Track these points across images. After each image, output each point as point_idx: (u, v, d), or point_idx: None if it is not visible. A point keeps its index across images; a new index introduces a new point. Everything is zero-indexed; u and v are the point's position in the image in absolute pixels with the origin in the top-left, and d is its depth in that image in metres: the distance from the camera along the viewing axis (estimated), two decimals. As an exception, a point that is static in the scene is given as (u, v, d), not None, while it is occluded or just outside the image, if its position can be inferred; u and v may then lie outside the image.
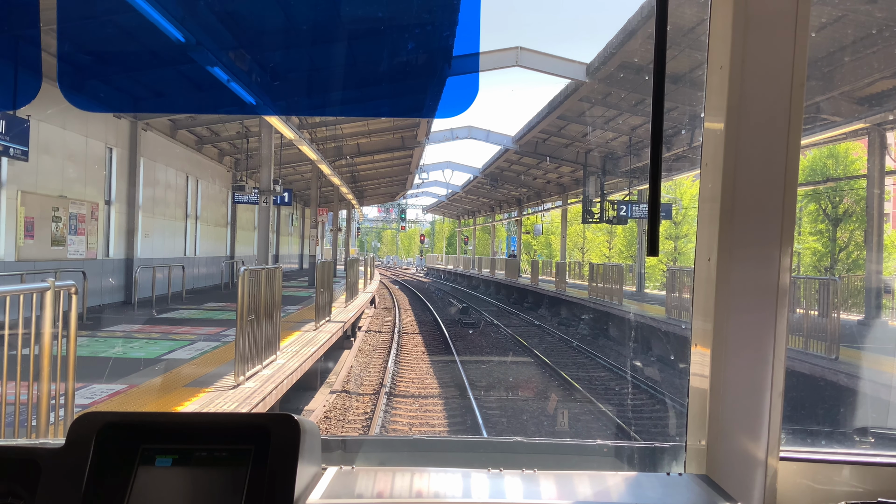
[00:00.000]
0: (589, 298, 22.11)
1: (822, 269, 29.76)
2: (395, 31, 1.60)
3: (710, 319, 1.41)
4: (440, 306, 28.11)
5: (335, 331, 12.52)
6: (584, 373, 14.18)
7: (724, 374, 1.41)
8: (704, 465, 1.44)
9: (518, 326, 21.65)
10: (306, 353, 9.81)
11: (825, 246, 30.01)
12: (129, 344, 10.24)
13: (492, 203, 45.64)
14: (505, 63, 16.42)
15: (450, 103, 1.60)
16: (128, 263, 16.14)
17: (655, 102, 1.32)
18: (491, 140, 25.97)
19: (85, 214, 14.28)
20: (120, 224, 15.99)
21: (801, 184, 26.75)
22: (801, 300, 10.90)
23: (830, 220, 29.66)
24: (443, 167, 36.36)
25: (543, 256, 52.69)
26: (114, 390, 7.10)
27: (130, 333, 11.46)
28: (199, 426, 1.30)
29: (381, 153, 26.51)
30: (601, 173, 25.19)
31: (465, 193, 43.58)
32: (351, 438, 1.73)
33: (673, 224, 35.81)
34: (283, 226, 36.49)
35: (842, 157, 28.82)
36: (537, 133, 23.92)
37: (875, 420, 7.65)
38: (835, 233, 29.66)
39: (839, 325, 10.29)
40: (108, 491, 1.19)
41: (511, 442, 1.76)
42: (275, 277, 8.93)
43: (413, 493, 1.34)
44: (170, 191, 18.99)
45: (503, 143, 26.25)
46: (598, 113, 20.33)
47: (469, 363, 14.39)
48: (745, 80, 1.36)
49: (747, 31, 1.35)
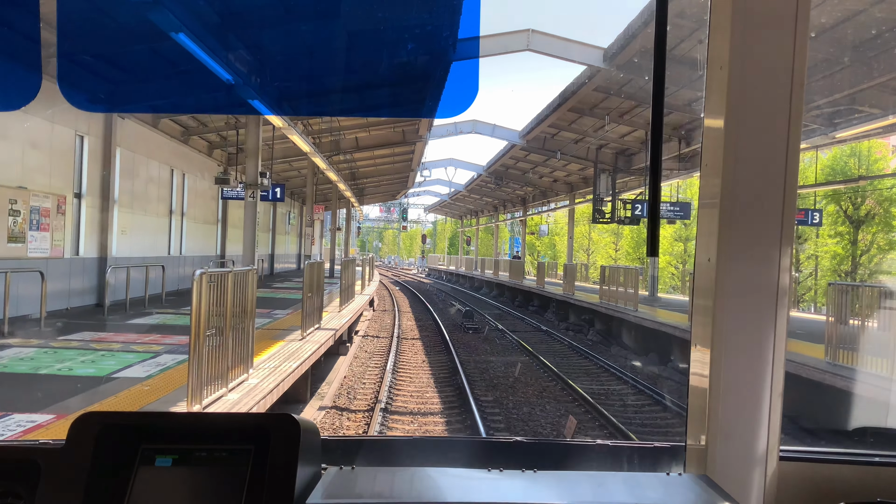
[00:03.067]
0: (600, 303, 20.64)
1: (841, 273, 28.23)
2: (392, 16, 1.57)
3: (710, 319, 1.40)
4: (441, 309, 26.61)
5: (325, 340, 11.04)
6: (598, 385, 12.73)
7: (724, 373, 1.40)
8: (704, 464, 1.43)
9: (524, 332, 20.15)
10: (286, 369, 8.34)
11: (845, 249, 28.47)
12: (82, 357, 8.76)
13: (495, 203, 44.13)
14: (515, 47, 14.93)
15: (450, 101, 1.56)
16: (101, 262, 14.52)
17: (655, 102, 1.35)
18: (497, 135, 24.50)
19: (50, 208, 12.80)
20: (92, 219, 14.46)
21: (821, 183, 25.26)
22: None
23: (852, 222, 28.12)
24: (445, 164, 34.79)
25: (547, 258, 51.35)
26: (34, 423, 5.63)
27: (88, 343, 9.98)
28: (199, 426, 1.31)
29: (380, 148, 25.06)
30: (613, 171, 23.71)
31: (467, 192, 42.06)
32: (351, 438, 1.82)
33: (683, 225, 34.34)
34: (281, 224, 35.11)
35: (864, 155, 27.26)
36: (546, 127, 22.44)
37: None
38: (856, 235, 28.11)
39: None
40: (107, 491, 1.19)
41: (511, 442, 1.71)
42: (248, 282, 7.45)
43: (413, 493, 1.32)
44: (152, 185, 17.52)
45: (509, 138, 24.77)
46: (613, 104, 18.85)
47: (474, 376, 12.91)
48: (745, 80, 1.35)
49: (747, 30, 1.35)
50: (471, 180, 37.47)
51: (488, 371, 13.62)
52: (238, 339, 7.00)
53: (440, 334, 18.82)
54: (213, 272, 5.98)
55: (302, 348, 9.98)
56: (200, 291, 5.66)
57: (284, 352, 9.60)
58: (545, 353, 15.93)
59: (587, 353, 16.22)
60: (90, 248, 14.49)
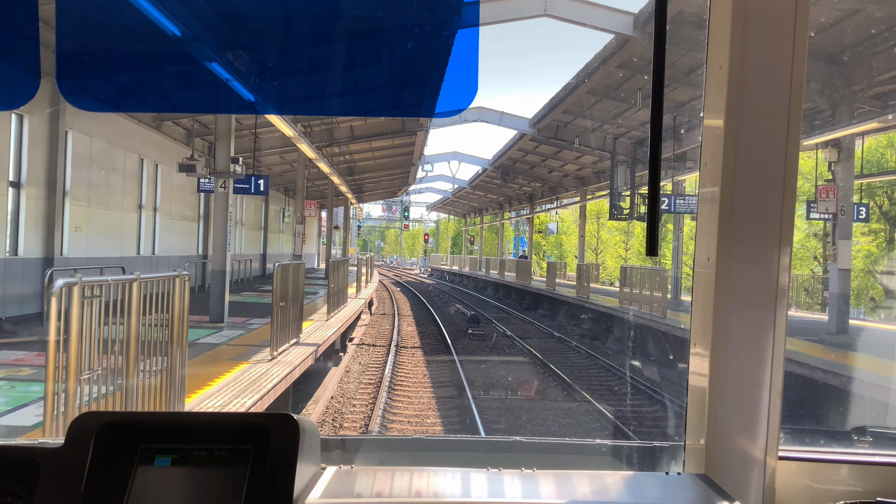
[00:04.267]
0: (620, 308, 18.45)
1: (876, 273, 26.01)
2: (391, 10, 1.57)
3: (710, 319, 1.40)
4: (444, 311, 24.39)
5: (301, 360, 8.90)
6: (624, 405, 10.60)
7: (723, 373, 1.40)
8: (703, 464, 1.43)
9: (536, 339, 17.98)
10: (238, 405, 6.20)
11: (880, 248, 26.24)
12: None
13: (501, 200, 41.85)
14: (530, 12, 12.75)
15: (450, 96, 1.54)
16: (46, 263, 12.43)
17: (655, 102, 1.32)
18: (504, 123, 22.24)
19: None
20: (35, 214, 12.32)
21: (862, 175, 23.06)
22: None
23: (888, 219, 25.88)
24: (448, 158, 32.22)
25: (552, 257, 49.38)
26: None
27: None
28: (198, 426, 1.29)
29: (378, 138, 22.89)
30: (632, 162, 21.51)
31: (471, 189, 39.73)
32: (350, 438, 1.75)
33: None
34: (274, 222, 33.03)
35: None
36: (560, 114, 20.23)
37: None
38: (892, 233, 25.88)
39: None
40: (107, 490, 1.18)
41: (510, 441, 1.73)
42: (175, 293, 5.31)
43: (412, 492, 1.32)
44: (115, 175, 15.37)
45: (519, 126, 22.51)
46: (636, 85, 16.64)
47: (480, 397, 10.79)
48: (744, 80, 1.36)
49: (746, 30, 1.35)
50: (475, 176, 35.06)
51: (497, 384, 11.47)
52: (155, 381, 4.85)
53: (443, 341, 16.70)
54: (89, 282, 3.81)
55: (268, 374, 7.82)
56: (55, 315, 3.49)
57: (244, 380, 7.45)
58: (560, 364, 13.73)
59: (616, 369, 14.03)
60: (32, 248, 12.43)
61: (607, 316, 19.07)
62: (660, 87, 1.31)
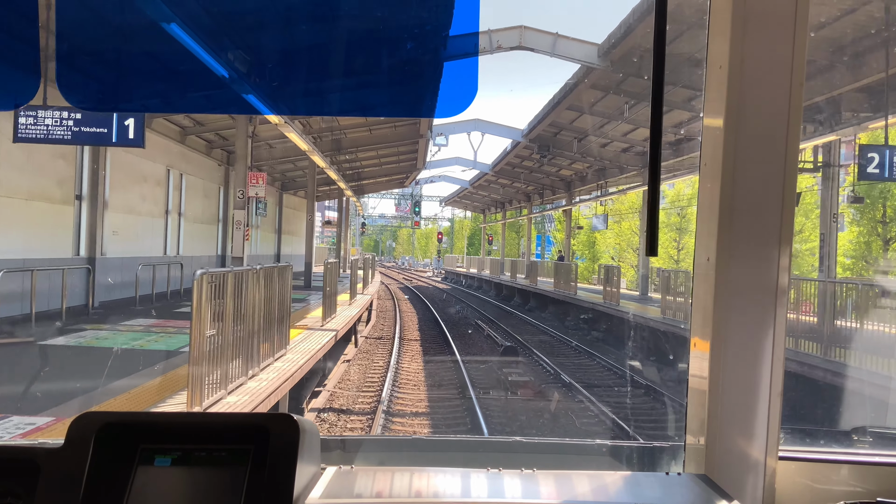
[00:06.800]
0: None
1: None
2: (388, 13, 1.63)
3: (710, 319, 1.45)
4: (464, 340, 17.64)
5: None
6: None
7: (723, 373, 1.44)
8: (703, 464, 1.47)
9: (620, 393, 11.37)
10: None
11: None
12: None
13: (529, 190, 35.06)
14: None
15: (449, 96, 1.54)
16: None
17: (655, 102, 1.36)
18: (556, 58, 14.99)
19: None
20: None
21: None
22: None
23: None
24: (469, 129, 24.96)
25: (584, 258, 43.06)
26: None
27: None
28: (198, 426, 1.34)
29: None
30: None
31: (495, 175, 33.13)
32: (350, 438, 1.83)
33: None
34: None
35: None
36: (628, 46, 13.41)
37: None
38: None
39: None
40: (106, 491, 1.22)
41: (510, 442, 1.77)
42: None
43: (412, 492, 1.36)
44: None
45: (573, 68, 15.54)
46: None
47: None
48: (744, 80, 1.40)
49: (746, 30, 1.39)
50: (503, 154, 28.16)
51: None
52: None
53: (467, 401, 10.08)
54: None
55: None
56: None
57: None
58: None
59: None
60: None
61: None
62: (660, 88, 1.33)
